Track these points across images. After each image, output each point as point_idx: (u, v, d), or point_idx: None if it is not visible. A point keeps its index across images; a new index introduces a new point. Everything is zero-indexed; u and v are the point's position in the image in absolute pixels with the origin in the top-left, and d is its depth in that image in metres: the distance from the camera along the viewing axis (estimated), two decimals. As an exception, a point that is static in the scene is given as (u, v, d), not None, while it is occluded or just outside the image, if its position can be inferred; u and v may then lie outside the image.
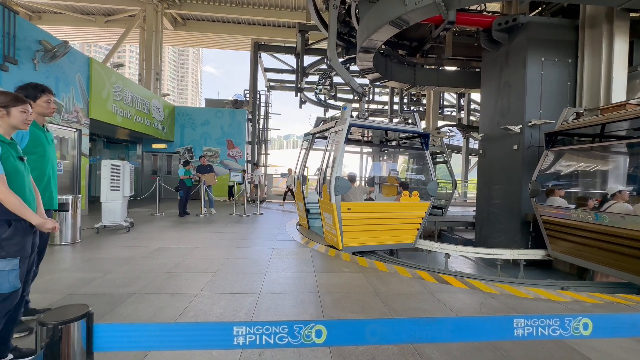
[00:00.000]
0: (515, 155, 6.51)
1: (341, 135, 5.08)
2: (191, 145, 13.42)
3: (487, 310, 2.85)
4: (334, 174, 4.86)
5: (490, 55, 7.49)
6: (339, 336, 0.61)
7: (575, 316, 0.66)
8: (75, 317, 0.57)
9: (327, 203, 5.01)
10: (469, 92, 13.71)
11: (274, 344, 0.61)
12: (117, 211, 5.90)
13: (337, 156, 5.01)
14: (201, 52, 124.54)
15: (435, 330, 0.51)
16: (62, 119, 7.17)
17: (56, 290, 2.98)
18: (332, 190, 4.79)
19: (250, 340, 0.61)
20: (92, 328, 0.58)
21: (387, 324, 0.62)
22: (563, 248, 5.18)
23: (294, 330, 0.61)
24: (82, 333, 0.58)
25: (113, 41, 17.55)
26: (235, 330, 0.62)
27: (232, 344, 0.61)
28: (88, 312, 0.60)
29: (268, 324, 0.63)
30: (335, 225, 4.85)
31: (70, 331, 0.56)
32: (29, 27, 6.37)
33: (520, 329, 0.66)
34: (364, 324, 0.61)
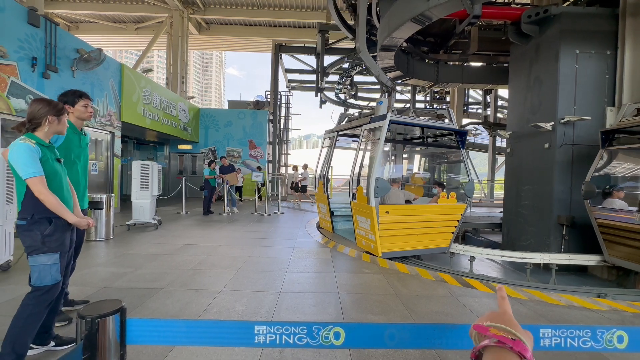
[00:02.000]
0: (546, 154, 6.17)
1: (380, 133, 4.71)
2: (214, 146, 13.83)
3: (515, 316, 2.72)
4: (373, 175, 4.51)
5: (519, 49, 7.14)
6: (357, 339, 0.61)
7: (609, 328, 0.62)
8: (111, 312, 0.62)
9: (363, 206, 4.69)
10: (496, 89, 13.14)
11: (293, 344, 0.62)
12: (146, 209, 6.20)
13: (376, 155, 4.69)
14: (224, 55, 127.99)
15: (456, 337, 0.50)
16: (96, 123, 7.63)
17: (92, 284, 3.18)
18: (371, 192, 4.44)
19: (270, 339, 0.63)
20: (125, 322, 0.63)
21: (406, 328, 0.61)
22: (622, 254, 4.80)
23: (313, 332, 0.62)
24: (117, 326, 0.62)
25: (142, 47, 18.44)
26: (256, 329, 0.64)
27: (253, 342, 0.63)
28: (122, 307, 0.65)
29: (288, 324, 0.65)
30: (374, 230, 4.51)
31: (106, 324, 0.61)
32: (67, 37, 6.83)
33: (547, 339, 0.62)
34: (383, 327, 0.61)
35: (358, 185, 5.12)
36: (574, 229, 5.90)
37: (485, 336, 0.48)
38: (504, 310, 0.53)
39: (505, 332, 0.47)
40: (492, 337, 0.47)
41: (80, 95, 2.41)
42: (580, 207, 5.92)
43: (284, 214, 9.05)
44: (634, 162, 5.77)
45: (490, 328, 0.48)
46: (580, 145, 5.97)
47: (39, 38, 6.01)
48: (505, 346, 0.45)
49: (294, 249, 4.94)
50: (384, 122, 4.65)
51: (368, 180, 4.68)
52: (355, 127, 5.84)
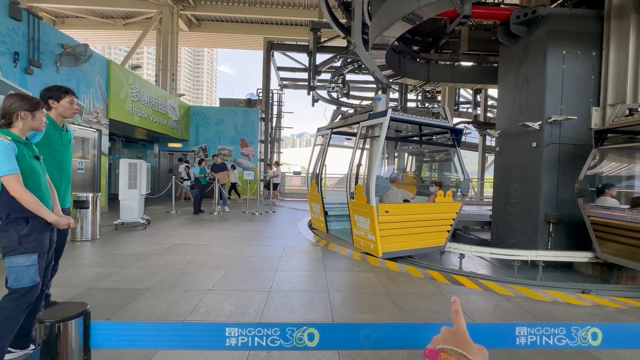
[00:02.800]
0: (534, 153, 6.28)
1: (379, 130, 4.59)
2: (205, 144, 13.68)
3: (501, 312, 2.77)
4: (374, 173, 4.38)
5: (508, 49, 7.23)
6: (331, 340, 0.60)
7: (584, 325, 0.62)
8: (73, 315, 0.59)
9: (362, 205, 4.58)
10: (486, 88, 13.31)
11: (265, 346, 0.61)
12: (134, 208, 6.09)
13: (376, 153, 4.55)
14: (216, 52, 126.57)
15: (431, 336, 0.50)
16: (83, 120, 7.45)
17: (76, 285, 3.11)
18: (371, 192, 4.31)
19: (242, 341, 0.62)
20: (89, 326, 0.60)
21: (381, 328, 0.60)
22: (614, 250, 4.90)
23: (286, 333, 0.60)
24: (80, 331, 0.60)
25: (131, 43, 18.08)
26: (227, 331, 0.62)
27: (224, 345, 0.61)
28: (85, 310, 0.62)
29: (260, 326, 0.63)
30: (375, 230, 4.40)
31: (68, 329, 0.59)
32: (52, 32, 6.64)
33: (523, 337, 0.62)
34: (357, 328, 0.60)
35: (356, 184, 4.97)
36: (561, 226, 6.02)
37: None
38: (457, 326, 0.52)
39: (457, 356, 0.46)
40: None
41: (66, 91, 2.33)
42: (566, 205, 6.06)
43: (276, 213, 9.01)
44: (626, 161, 5.91)
45: (441, 353, 0.48)
46: (566, 144, 6.09)
47: (21, 32, 5.82)
48: None
49: (284, 247, 4.92)
50: (384, 119, 4.53)
51: (368, 179, 4.56)
52: (352, 124, 5.68)
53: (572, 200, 6.06)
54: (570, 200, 6.07)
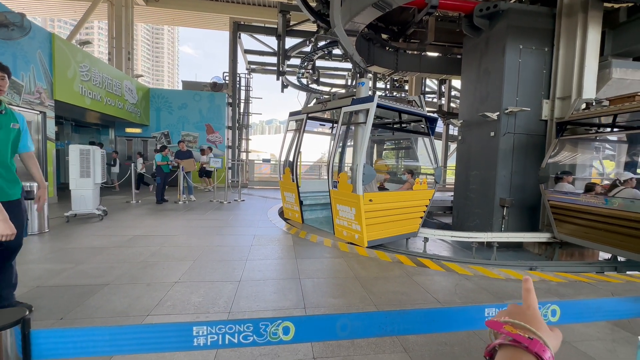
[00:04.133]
0: (492, 142, 6.69)
1: (365, 116, 4.46)
2: (168, 129, 12.90)
3: (462, 291, 2.97)
4: (361, 162, 4.27)
5: (471, 41, 7.52)
6: (307, 332, 0.59)
7: (544, 303, 0.67)
8: (9, 324, 0.51)
9: (346, 194, 4.51)
10: (450, 79, 13.85)
11: (237, 344, 0.58)
12: (88, 199, 5.63)
13: (362, 140, 4.40)
14: (177, 31, 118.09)
15: (407, 322, 0.50)
16: (22, 100, 6.64)
17: (22, 283, 2.81)
18: (358, 180, 4.24)
19: (212, 340, 0.58)
20: (28, 334, 0.53)
21: (358, 318, 0.60)
22: (569, 230, 5.37)
23: (260, 328, 0.58)
24: (17, 340, 0.52)
25: (78, 16, 16.23)
26: (195, 330, 0.58)
27: (191, 346, 0.57)
28: (24, 317, 0.54)
29: (232, 323, 0.60)
30: (360, 219, 4.34)
31: (2, 339, 0.51)
32: (-23, -3, 5.76)
33: (487, 317, 0.66)
34: (333, 319, 0.59)
35: (340, 172, 4.83)
36: (513, 210, 6.55)
37: (500, 333, 0.44)
38: (527, 305, 0.48)
39: (523, 330, 0.43)
40: (506, 335, 0.43)
41: None
42: (518, 191, 6.58)
43: (245, 201, 8.82)
44: (581, 151, 6.47)
45: (505, 325, 0.44)
46: (519, 134, 6.55)
47: (-62, -5, 4.98)
48: (520, 345, 0.42)
49: (254, 236, 4.85)
50: (371, 105, 4.41)
51: (352, 167, 4.44)
52: (330, 110, 5.46)
53: (523, 186, 6.61)
54: (522, 186, 6.60)
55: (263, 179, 15.56)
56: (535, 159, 6.56)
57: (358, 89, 4.87)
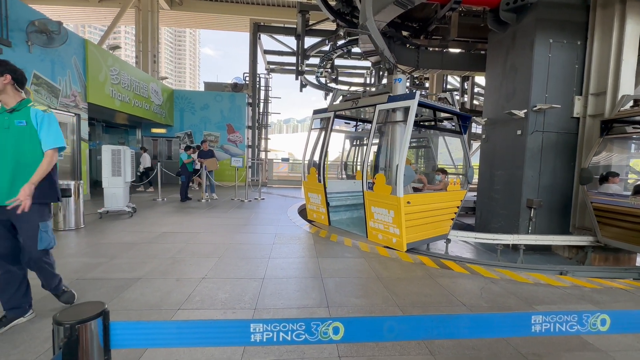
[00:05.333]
0: (518, 141, 6.44)
1: (405, 114, 4.24)
2: (191, 129, 13.30)
3: (488, 294, 2.89)
4: (402, 162, 4.04)
5: (496, 36, 7.27)
6: (356, 333, 0.61)
7: (594, 312, 0.65)
8: (92, 316, 0.57)
9: (383, 196, 4.34)
10: (474, 76, 13.42)
11: (290, 341, 0.61)
12: (119, 196, 5.92)
13: (403, 140, 4.16)
14: (199, 33, 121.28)
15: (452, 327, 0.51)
16: (60, 104, 7.06)
17: (64, 275, 3.01)
18: (399, 182, 4.03)
19: (267, 337, 0.62)
20: (108, 326, 0.58)
21: (405, 321, 0.62)
22: (614, 234, 5.09)
23: (311, 327, 0.61)
24: (99, 331, 0.58)
25: (107, 22, 17.02)
26: (252, 327, 0.62)
27: (249, 341, 0.61)
28: (104, 310, 0.60)
29: (285, 322, 0.63)
30: (400, 222, 4.14)
31: (87, 330, 0.57)
32: (21, 7, 6.16)
33: (538, 325, 0.66)
34: (381, 321, 0.61)
35: (376, 172, 4.65)
36: (541, 211, 6.28)
37: None
38: None
39: None
40: None
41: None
42: (547, 191, 6.31)
43: (265, 200, 8.97)
44: (629, 151, 6.09)
45: None
46: (549, 132, 6.27)
47: (-13, 7, 5.38)
48: None
49: (275, 235, 4.93)
50: (412, 102, 4.13)
51: (391, 168, 4.28)
52: (362, 107, 5.21)
53: (552, 187, 6.33)
54: (551, 187, 6.33)
55: (281, 177, 15.75)
56: (565, 159, 6.27)
57: (394, 85, 4.64)
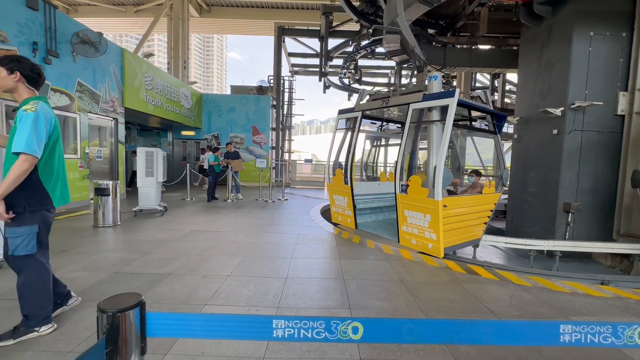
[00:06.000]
0: (554, 140, 6.07)
1: (442, 113, 4.09)
2: (218, 132, 13.77)
3: (518, 302, 2.76)
4: (440, 164, 3.86)
5: (530, 31, 6.90)
6: (375, 334, 0.61)
7: (631, 324, 0.61)
8: (131, 306, 0.63)
9: (419, 200, 4.18)
10: (504, 73, 12.82)
11: (311, 338, 0.63)
12: (152, 196, 6.26)
13: (442, 141, 3.96)
14: (225, 38, 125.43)
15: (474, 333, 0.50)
16: (100, 109, 7.59)
17: (102, 269, 3.25)
18: (438, 185, 3.85)
19: (288, 333, 0.64)
20: (145, 315, 0.64)
21: (425, 324, 0.61)
22: None
23: (331, 326, 0.62)
24: (137, 320, 0.63)
25: (142, 31, 18.09)
26: (274, 323, 0.64)
27: (271, 336, 0.64)
28: (141, 301, 0.66)
29: (306, 319, 0.66)
30: (437, 227, 3.97)
31: (127, 319, 0.62)
32: (67, 21, 6.70)
33: (568, 334, 0.62)
34: (401, 323, 0.61)
35: (410, 175, 4.44)
36: (580, 216, 5.88)
37: None
38: None
39: None
40: None
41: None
42: (586, 195, 5.89)
43: (288, 200, 9.09)
44: None
45: None
46: (589, 132, 5.86)
47: (39, 22, 5.90)
48: None
49: (298, 235, 4.99)
50: (451, 101, 3.92)
51: (429, 170, 4.10)
52: (393, 106, 5.04)
53: (593, 190, 5.90)
54: (591, 190, 5.90)
55: (304, 178, 15.89)
56: (608, 160, 5.83)
57: (429, 83, 4.43)
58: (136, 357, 0.65)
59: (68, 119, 6.71)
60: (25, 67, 1.94)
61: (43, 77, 2.05)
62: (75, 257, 3.58)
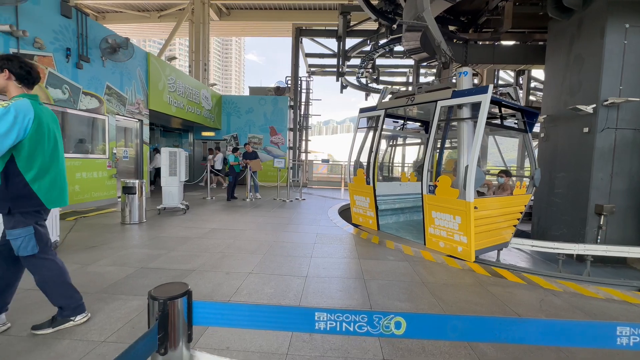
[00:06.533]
0: (585, 139, 5.78)
1: (473, 110, 3.93)
2: (237, 132, 14.03)
3: (548, 307, 2.64)
4: (472, 164, 3.70)
5: (558, 25, 6.61)
6: (418, 329, 0.61)
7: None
8: (180, 294, 0.66)
9: (449, 201, 4.03)
10: (530, 69, 12.35)
11: (353, 332, 0.63)
12: (175, 194, 6.46)
13: (475, 139, 3.78)
14: (243, 41, 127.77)
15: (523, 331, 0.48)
16: (126, 111, 7.91)
17: (130, 264, 3.38)
18: (470, 185, 3.69)
19: (330, 326, 0.64)
20: (191, 304, 0.66)
21: (471, 321, 0.60)
22: None
23: (374, 320, 0.62)
24: (184, 308, 0.66)
25: (165, 35, 18.72)
26: (317, 315, 0.65)
27: (313, 329, 0.64)
28: (188, 290, 0.68)
29: (348, 312, 0.66)
30: (468, 229, 3.83)
31: (176, 306, 0.65)
32: (97, 27, 7.03)
33: (625, 337, 0.59)
34: (446, 319, 0.60)
35: (438, 175, 4.28)
36: (613, 218, 5.56)
37: None
38: None
39: None
40: None
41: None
42: (620, 196, 5.57)
43: (306, 200, 9.14)
44: None
45: None
46: (623, 130, 5.54)
47: (72, 29, 6.23)
48: None
49: (317, 235, 5.00)
50: (484, 97, 3.75)
51: (459, 169, 3.98)
52: (419, 104, 4.88)
53: (628, 191, 5.58)
54: (626, 191, 5.58)
55: (321, 178, 15.91)
56: (645, 159, 5.49)
57: (459, 79, 4.26)
58: (183, 344, 0.68)
59: (97, 120, 7.04)
60: (15, 65, 1.91)
61: (35, 74, 2.00)
62: (105, 252, 3.75)
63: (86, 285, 2.75)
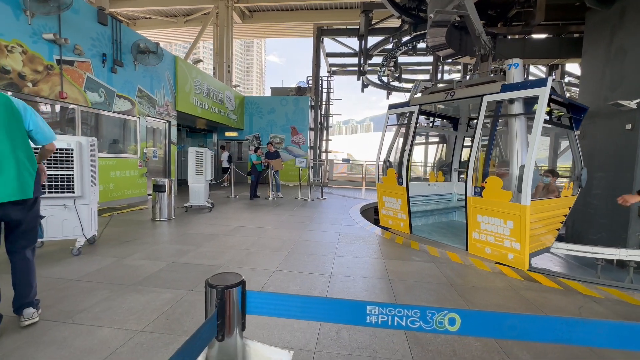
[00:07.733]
0: (628, 137, 5.40)
1: (526, 106, 3.70)
2: (259, 132, 14.28)
3: (589, 315, 2.49)
4: (529, 164, 3.42)
5: (597, 15, 6.21)
6: (473, 327, 0.59)
7: None
8: (235, 284, 0.68)
9: (499, 204, 3.80)
10: (564, 63, 11.69)
11: (405, 327, 0.63)
12: (201, 193, 6.67)
13: (532, 137, 3.48)
14: (264, 42, 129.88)
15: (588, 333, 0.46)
16: (156, 113, 8.26)
17: (162, 258, 3.53)
18: (526, 188, 3.44)
19: (382, 320, 0.64)
20: (245, 294, 0.68)
21: (529, 320, 0.58)
22: None
23: (427, 316, 0.61)
24: (239, 297, 0.68)
25: (190, 39, 19.37)
26: (368, 309, 0.65)
27: (364, 322, 0.65)
28: (242, 280, 0.71)
29: (400, 307, 0.65)
30: (522, 235, 3.58)
31: (231, 295, 0.67)
32: (130, 33, 7.39)
33: None
34: (502, 317, 0.58)
35: (487, 175, 4.01)
36: (660, 222, 5.16)
37: None
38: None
39: None
40: None
41: None
42: (670, 198, 5.15)
43: (327, 200, 9.15)
44: None
45: None
46: (673, 126, 5.12)
47: (107, 35, 6.58)
48: None
49: (339, 234, 4.99)
50: (543, 90, 3.45)
51: (512, 170, 3.77)
52: (461, 99, 4.60)
53: (677, 193, 5.14)
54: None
55: (341, 178, 15.87)
56: (698, 158, 5.05)
57: (508, 72, 4.00)
58: (238, 332, 0.70)
59: (129, 122, 7.40)
60: None
61: None
62: (138, 247, 3.94)
63: (123, 277, 2.90)
